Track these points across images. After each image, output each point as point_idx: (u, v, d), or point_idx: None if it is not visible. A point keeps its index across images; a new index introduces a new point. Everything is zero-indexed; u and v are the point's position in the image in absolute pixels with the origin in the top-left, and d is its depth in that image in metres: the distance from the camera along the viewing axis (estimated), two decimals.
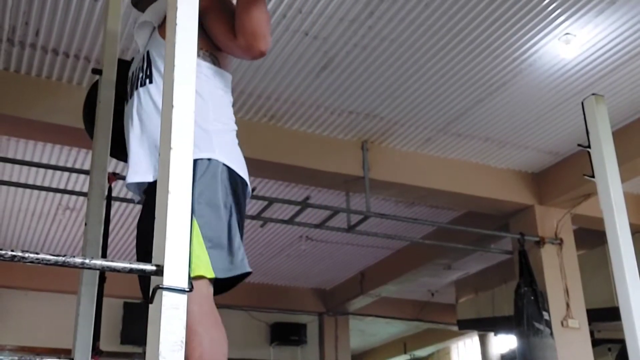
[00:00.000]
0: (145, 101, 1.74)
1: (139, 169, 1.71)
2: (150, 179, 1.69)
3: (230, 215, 1.64)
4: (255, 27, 1.68)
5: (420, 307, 8.00)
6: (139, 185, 1.77)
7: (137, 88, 1.79)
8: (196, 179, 1.59)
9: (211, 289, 1.58)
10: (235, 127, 1.79)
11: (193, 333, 1.47)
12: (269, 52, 2.95)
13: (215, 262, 1.56)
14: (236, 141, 1.78)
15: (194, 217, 1.55)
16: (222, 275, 1.58)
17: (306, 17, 3.48)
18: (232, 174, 1.68)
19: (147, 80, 1.76)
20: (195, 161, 1.59)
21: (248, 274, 1.64)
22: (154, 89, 1.74)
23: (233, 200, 1.66)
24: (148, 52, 1.80)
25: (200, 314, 1.52)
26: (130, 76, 1.88)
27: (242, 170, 1.73)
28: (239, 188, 1.70)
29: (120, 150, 2.01)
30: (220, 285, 1.64)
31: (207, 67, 1.77)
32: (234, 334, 7.39)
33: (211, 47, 1.79)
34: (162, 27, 1.76)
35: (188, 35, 1.16)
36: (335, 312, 7.73)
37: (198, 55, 1.72)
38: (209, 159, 1.65)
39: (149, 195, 1.75)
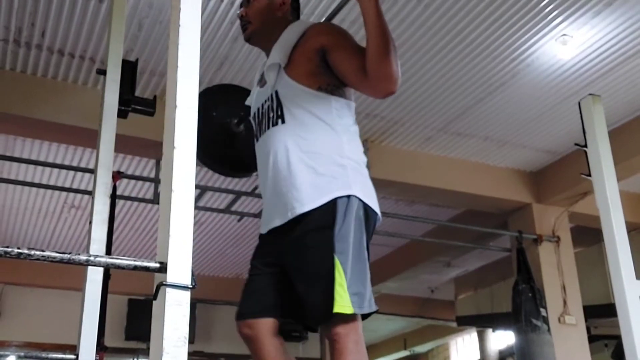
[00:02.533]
0: (279, 142, 1.76)
1: (275, 214, 1.76)
2: (280, 222, 1.73)
3: (362, 252, 1.68)
4: (390, 70, 1.68)
5: (420, 303, 8.03)
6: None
7: (268, 127, 1.81)
8: (337, 217, 1.65)
9: (360, 325, 1.65)
10: (366, 159, 1.82)
11: None
12: None
13: (353, 298, 1.60)
14: (367, 173, 1.80)
15: (335, 256, 1.61)
16: (359, 311, 1.62)
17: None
18: (367, 209, 1.72)
19: (280, 121, 1.79)
20: (335, 200, 1.66)
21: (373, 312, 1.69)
22: (286, 129, 1.77)
23: (366, 237, 1.71)
24: (277, 92, 1.81)
25: (356, 351, 1.60)
26: (256, 112, 1.90)
27: (375, 204, 1.76)
28: (372, 223, 1.74)
29: (226, 165, 2.24)
30: None
31: (335, 100, 1.79)
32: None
33: (335, 79, 1.80)
34: (288, 67, 1.81)
35: (191, 36, 1.15)
36: None
37: (326, 91, 1.76)
38: (348, 196, 1.68)
39: (269, 232, 1.80)
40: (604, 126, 2.31)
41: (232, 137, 2.29)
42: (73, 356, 1.91)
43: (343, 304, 1.58)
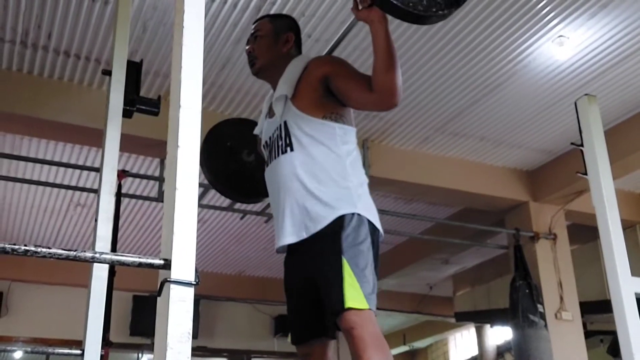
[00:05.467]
0: (288, 168, 1.89)
1: (286, 232, 1.87)
2: (295, 240, 1.86)
3: (369, 255, 1.81)
4: (394, 85, 1.79)
5: (419, 300, 8.05)
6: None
7: (278, 155, 1.94)
8: (344, 226, 1.79)
9: (375, 319, 1.74)
10: (367, 179, 1.96)
11: (368, 358, 1.64)
12: None
13: (367, 296, 1.72)
14: (369, 193, 1.94)
15: (343, 257, 1.75)
16: (372, 306, 1.73)
17: (309, 20, 3.55)
18: (370, 225, 1.86)
19: (289, 149, 1.91)
20: (343, 215, 1.80)
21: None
22: (294, 156, 1.90)
23: (372, 248, 1.84)
24: (285, 122, 1.94)
25: (374, 340, 1.67)
26: (267, 141, 2.02)
27: (377, 220, 1.90)
28: (376, 237, 1.88)
29: (236, 191, 2.42)
30: None
31: (339, 127, 1.92)
32: (240, 326, 7.54)
33: (337, 107, 1.93)
34: (295, 98, 1.93)
35: (194, 38, 1.16)
36: None
37: (330, 119, 1.89)
38: (353, 214, 1.82)
39: (290, 253, 1.94)
40: (599, 126, 2.32)
41: (243, 166, 2.48)
42: (79, 351, 1.95)
43: (355, 299, 1.70)
